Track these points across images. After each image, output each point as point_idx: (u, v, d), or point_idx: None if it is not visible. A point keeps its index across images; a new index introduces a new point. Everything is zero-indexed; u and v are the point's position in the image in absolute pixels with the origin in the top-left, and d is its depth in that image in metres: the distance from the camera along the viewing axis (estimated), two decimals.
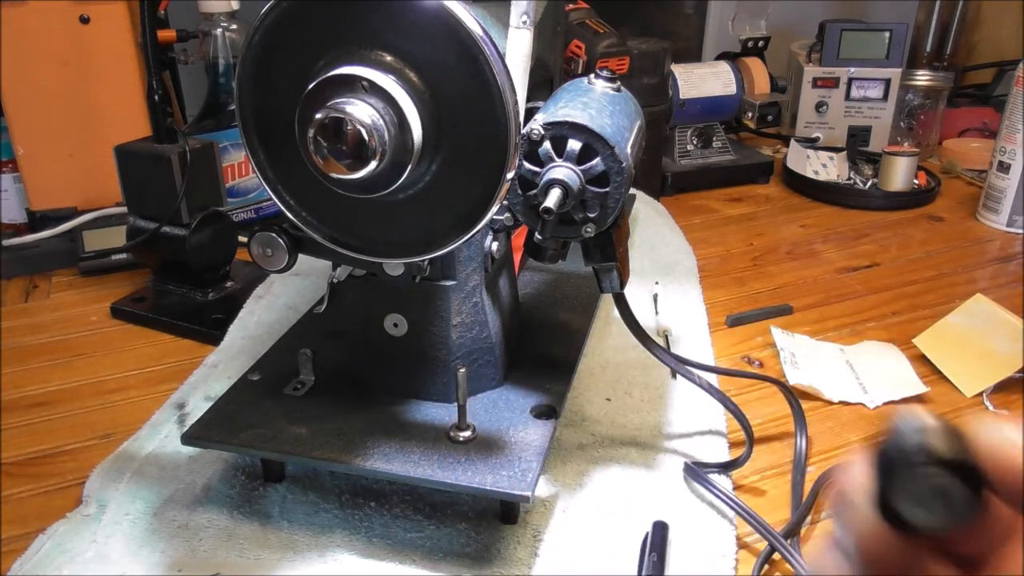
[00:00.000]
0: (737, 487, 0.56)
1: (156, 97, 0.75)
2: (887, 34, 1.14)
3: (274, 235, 0.51)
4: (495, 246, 0.54)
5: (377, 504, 0.53)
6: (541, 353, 0.61)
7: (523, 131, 0.48)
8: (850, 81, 1.16)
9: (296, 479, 0.55)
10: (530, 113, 0.52)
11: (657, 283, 0.82)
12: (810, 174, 1.11)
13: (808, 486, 0.55)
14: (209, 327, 0.75)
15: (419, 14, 0.41)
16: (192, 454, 0.57)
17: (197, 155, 0.76)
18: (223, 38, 0.96)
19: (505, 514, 0.52)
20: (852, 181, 1.10)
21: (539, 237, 0.52)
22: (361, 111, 0.41)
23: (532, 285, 0.72)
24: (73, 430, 0.62)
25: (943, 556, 0.29)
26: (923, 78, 1.22)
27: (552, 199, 0.47)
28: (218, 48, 0.96)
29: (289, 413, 0.54)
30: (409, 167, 0.43)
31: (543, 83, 0.65)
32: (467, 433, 0.51)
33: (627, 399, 0.64)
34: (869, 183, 1.09)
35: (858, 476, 0.28)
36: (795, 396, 0.61)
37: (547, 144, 0.49)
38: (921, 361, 0.70)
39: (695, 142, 1.14)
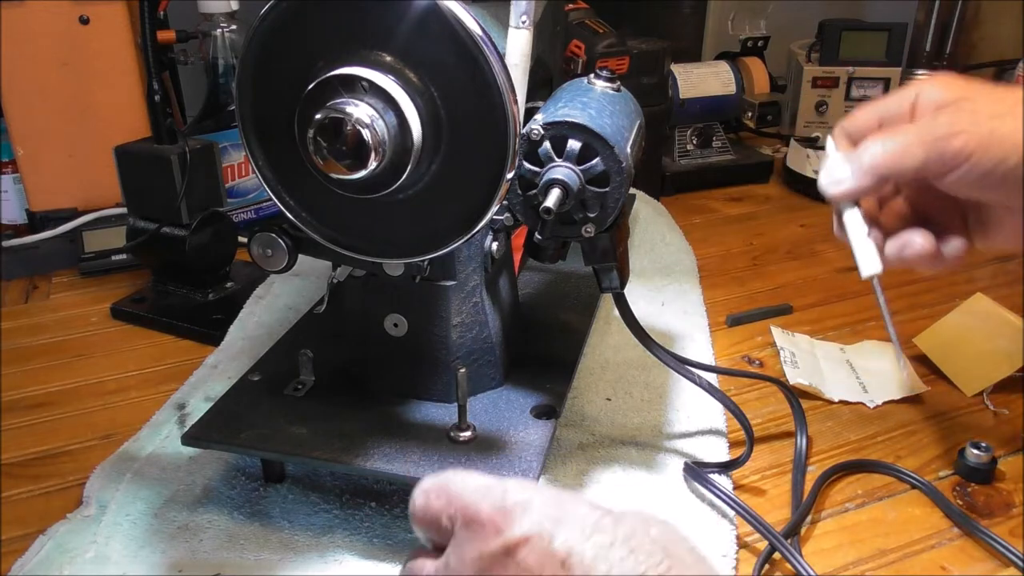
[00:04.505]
0: (737, 487, 0.56)
1: (156, 97, 0.75)
2: (887, 34, 1.14)
3: (274, 235, 0.51)
4: (495, 246, 0.54)
5: (377, 504, 0.53)
6: (541, 353, 0.61)
7: (523, 131, 0.48)
8: (850, 81, 1.16)
9: (297, 479, 0.55)
10: (530, 113, 0.52)
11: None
12: (810, 174, 1.11)
13: (808, 486, 0.55)
14: (209, 327, 0.75)
15: (419, 14, 0.41)
16: (192, 455, 0.57)
17: (197, 155, 0.76)
18: (223, 39, 0.96)
19: None
20: None
21: (539, 237, 0.52)
22: (361, 111, 0.41)
23: (532, 285, 0.72)
24: (73, 431, 0.62)
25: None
26: (923, 78, 1.22)
27: (552, 199, 0.47)
28: (218, 49, 0.96)
29: (289, 413, 0.54)
30: (409, 167, 0.43)
31: (543, 83, 0.65)
32: (467, 433, 0.51)
33: (627, 399, 0.64)
34: None
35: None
36: (795, 396, 0.61)
37: (547, 144, 0.49)
38: (921, 361, 0.70)
39: (695, 142, 1.14)
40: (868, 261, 0.44)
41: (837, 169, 0.44)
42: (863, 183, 0.43)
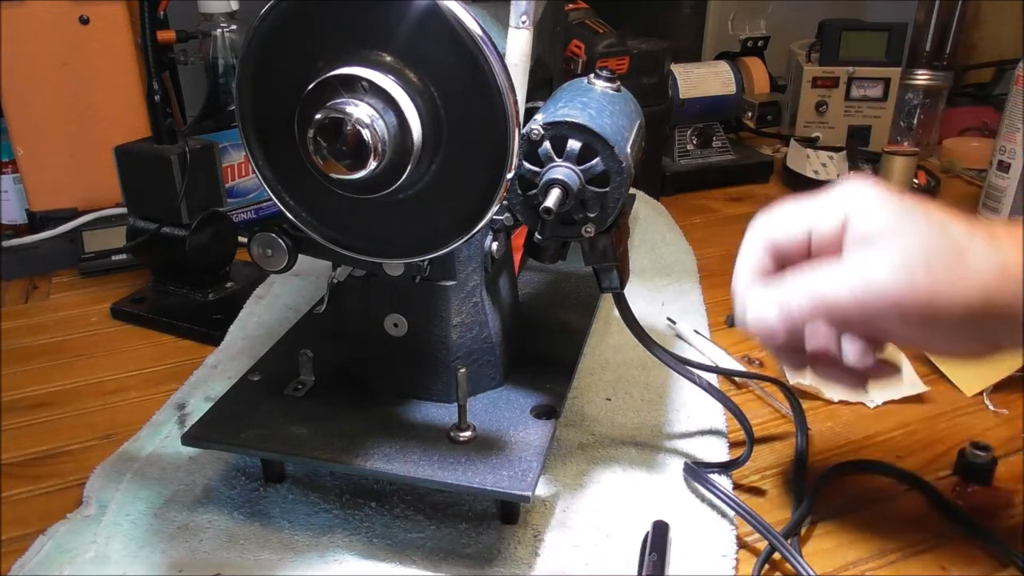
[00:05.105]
0: (737, 487, 0.56)
1: (156, 97, 0.75)
2: (887, 34, 1.14)
3: (274, 235, 0.51)
4: (495, 246, 0.54)
5: (377, 504, 0.53)
6: (541, 353, 0.61)
7: (523, 131, 0.48)
8: (850, 80, 1.16)
9: (297, 479, 0.55)
10: (530, 113, 0.52)
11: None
12: (810, 174, 1.11)
13: (808, 486, 0.55)
14: (209, 327, 0.75)
15: (419, 14, 0.41)
16: (192, 455, 0.57)
17: (197, 155, 0.76)
18: (223, 39, 0.96)
19: (505, 514, 0.52)
20: None
21: (539, 237, 0.52)
22: (361, 111, 0.41)
23: (532, 285, 0.72)
24: (73, 431, 0.62)
25: None
26: (923, 77, 1.22)
27: (552, 199, 0.47)
28: (218, 49, 0.96)
29: (289, 413, 0.54)
30: (409, 167, 0.43)
31: (543, 83, 0.65)
32: (467, 433, 0.51)
33: (627, 399, 0.64)
34: None
35: None
36: (795, 396, 0.61)
37: (547, 144, 0.49)
38: (921, 361, 0.70)
39: (695, 142, 1.14)
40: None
41: (763, 308, 0.43)
42: (781, 331, 0.42)
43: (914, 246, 0.39)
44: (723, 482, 0.55)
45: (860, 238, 0.40)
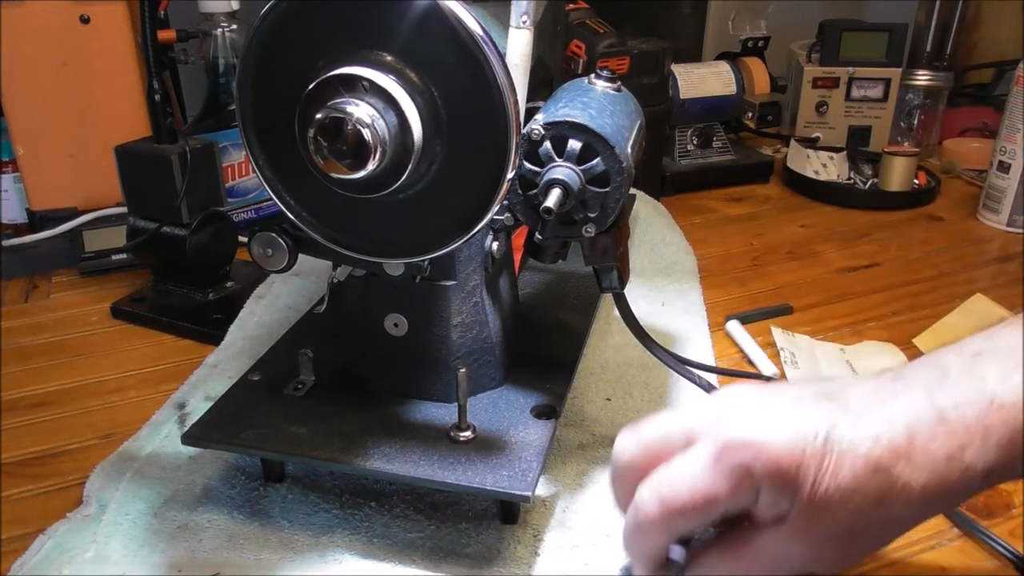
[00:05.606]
0: None
1: (156, 97, 0.75)
2: (887, 34, 1.14)
3: (274, 235, 0.51)
4: (495, 246, 0.54)
5: (377, 504, 0.53)
6: (541, 353, 0.61)
7: (523, 131, 0.48)
8: (850, 81, 1.16)
9: (296, 479, 0.55)
10: (530, 113, 0.52)
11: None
12: (810, 174, 1.11)
13: None
14: (209, 327, 0.75)
15: (419, 14, 0.41)
16: (192, 454, 0.57)
17: (197, 155, 0.76)
18: (223, 38, 0.96)
19: (505, 514, 0.52)
20: (852, 181, 1.10)
21: (539, 237, 0.52)
22: (361, 111, 0.41)
23: (532, 285, 0.72)
24: (73, 430, 0.62)
25: None
26: (923, 78, 1.22)
27: (552, 199, 0.47)
28: (218, 48, 0.96)
29: (289, 413, 0.54)
30: (409, 167, 0.43)
31: (543, 83, 0.65)
32: (467, 433, 0.51)
33: (627, 399, 0.64)
34: (869, 183, 1.09)
35: None
36: None
37: (547, 144, 0.49)
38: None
39: (695, 142, 1.14)
40: None
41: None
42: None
43: None
44: None
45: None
